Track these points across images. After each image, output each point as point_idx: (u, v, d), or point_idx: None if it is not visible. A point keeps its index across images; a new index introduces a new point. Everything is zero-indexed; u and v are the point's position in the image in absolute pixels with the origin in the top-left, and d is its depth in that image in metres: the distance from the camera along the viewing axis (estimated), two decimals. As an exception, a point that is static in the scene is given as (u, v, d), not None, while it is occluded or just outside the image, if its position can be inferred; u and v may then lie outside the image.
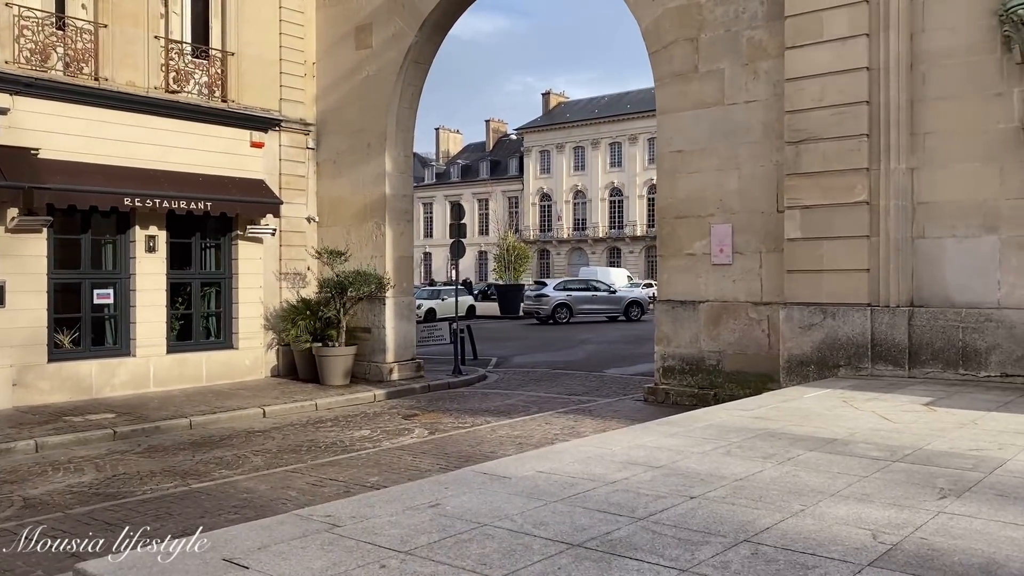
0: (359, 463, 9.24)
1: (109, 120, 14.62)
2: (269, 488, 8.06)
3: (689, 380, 12.84)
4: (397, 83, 16.86)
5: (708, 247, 12.62)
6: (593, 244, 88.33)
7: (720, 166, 12.49)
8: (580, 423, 11.40)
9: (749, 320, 12.23)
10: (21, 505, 8.10)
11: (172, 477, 9.19)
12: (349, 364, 16.46)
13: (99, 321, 15.15)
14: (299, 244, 17.93)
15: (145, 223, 15.25)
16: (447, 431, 11.52)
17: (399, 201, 17.36)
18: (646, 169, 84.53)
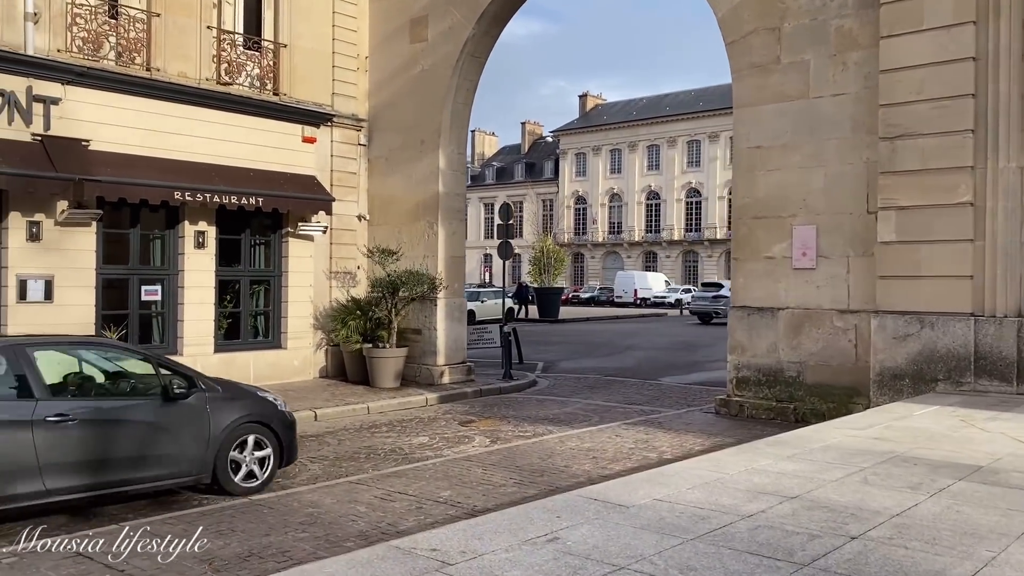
0: (426, 474, 8.63)
1: (160, 112, 14.21)
2: (335, 502, 7.47)
3: (766, 392, 12.07)
4: (453, 77, 16.28)
5: (789, 250, 11.84)
6: (629, 248, 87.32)
7: (803, 163, 11.72)
8: (653, 437, 10.69)
9: (834, 329, 11.44)
10: (71, 514, 7.59)
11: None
12: (400, 366, 15.90)
13: (146, 318, 14.74)
14: (349, 243, 17.42)
15: (195, 218, 14.81)
16: (510, 440, 10.89)
17: (452, 200, 16.77)
18: (684, 172, 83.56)
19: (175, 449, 7.81)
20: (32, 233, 12.78)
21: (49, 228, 12.97)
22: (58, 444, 7.08)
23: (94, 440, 7.32)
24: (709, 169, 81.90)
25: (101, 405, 7.69)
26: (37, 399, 7.13)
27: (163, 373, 8.03)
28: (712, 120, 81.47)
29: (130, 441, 7.55)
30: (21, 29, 12.73)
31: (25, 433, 6.93)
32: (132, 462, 7.54)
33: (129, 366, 8.37)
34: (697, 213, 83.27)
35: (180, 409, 7.92)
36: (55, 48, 13.09)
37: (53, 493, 7.06)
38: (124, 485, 7.55)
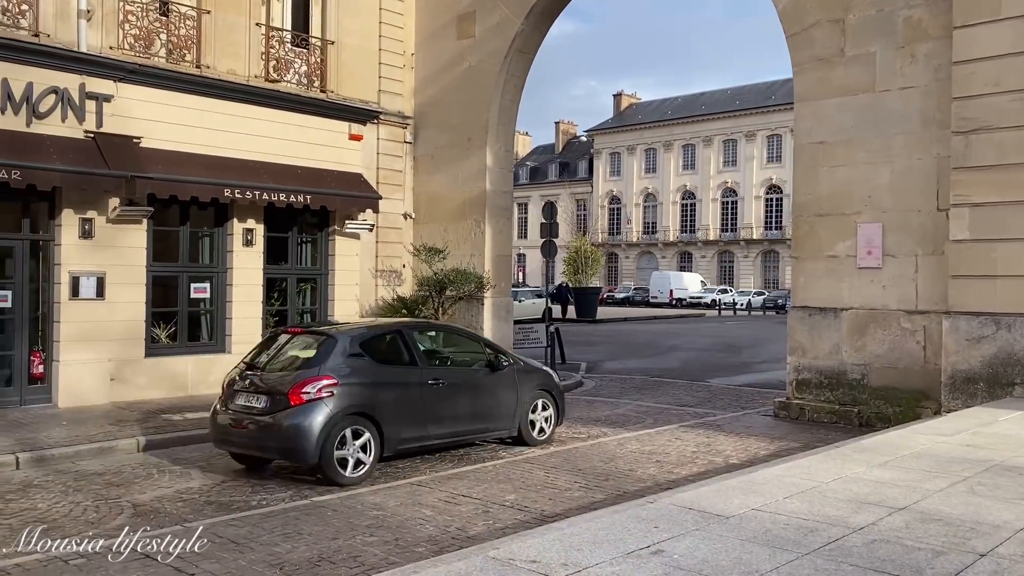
0: (487, 477, 8.42)
1: (209, 109, 14.17)
2: (398, 504, 7.29)
3: (828, 395, 11.71)
4: (500, 74, 16.09)
5: (853, 248, 11.48)
6: (663, 248, 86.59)
7: (869, 159, 11.35)
8: (714, 440, 10.39)
9: (901, 330, 11.05)
10: (132, 513, 7.50)
11: (284, 485, 8.51)
12: (446, 366, 15.72)
13: (195, 316, 14.71)
14: (395, 241, 17.30)
15: (243, 216, 14.76)
16: (566, 443, 10.65)
17: (499, 198, 16.59)
18: (720, 172, 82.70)
19: (497, 409, 9.99)
20: (84, 230, 12.80)
21: (101, 225, 12.97)
22: (434, 401, 9.29)
23: (453, 399, 9.54)
24: (745, 168, 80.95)
25: (455, 373, 10.02)
26: (420, 368, 9.41)
27: (487, 351, 10.42)
28: (749, 119, 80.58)
29: (473, 401, 9.78)
30: (74, 27, 12.74)
31: (417, 392, 9.19)
32: (473, 417, 9.75)
33: (465, 344, 10.91)
34: (733, 213, 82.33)
35: (500, 378, 10.13)
36: (107, 45, 13.10)
37: (430, 438, 9.32)
38: (467, 435, 9.84)
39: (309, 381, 8.38)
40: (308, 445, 8.14)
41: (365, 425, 8.56)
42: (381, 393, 8.86)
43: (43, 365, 12.61)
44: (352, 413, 8.49)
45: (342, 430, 8.33)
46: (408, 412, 8.98)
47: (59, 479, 8.79)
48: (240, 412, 8.71)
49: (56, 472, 9.13)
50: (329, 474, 8.23)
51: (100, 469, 9.29)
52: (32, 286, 12.59)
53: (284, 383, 8.54)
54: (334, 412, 8.31)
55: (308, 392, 8.30)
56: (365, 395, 8.68)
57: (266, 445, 8.57)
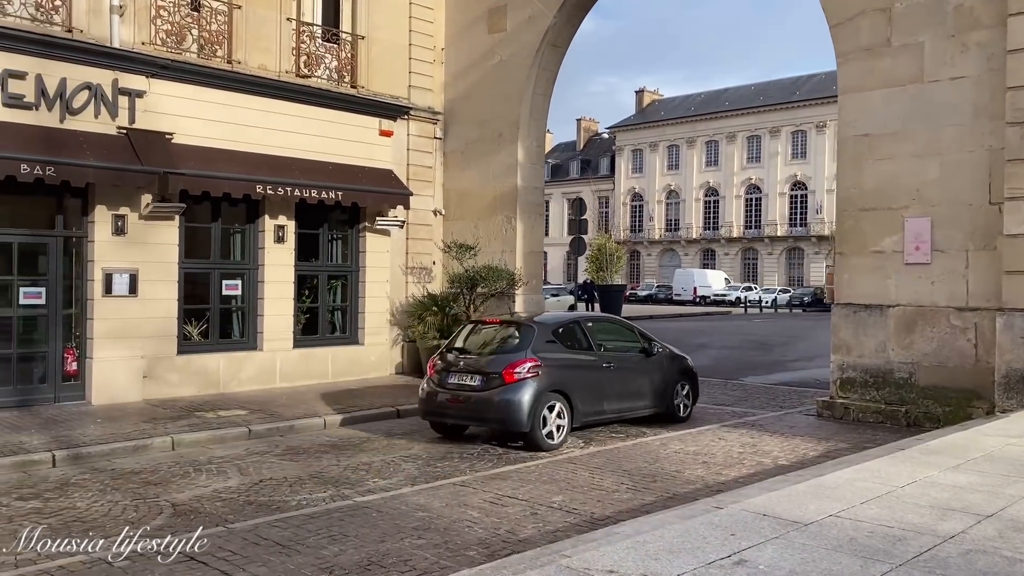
0: (531, 478, 8.22)
1: (241, 105, 14.07)
2: (443, 505, 7.11)
3: (873, 394, 11.40)
4: (532, 68, 15.88)
5: (900, 244, 11.16)
6: (686, 245, 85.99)
7: (917, 151, 11.03)
8: (759, 440, 10.13)
9: (951, 328, 10.73)
10: (171, 513, 7.37)
11: (323, 485, 8.37)
12: (478, 364, 15.56)
13: (227, 313, 14.63)
14: (425, 238, 17.15)
15: (275, 212, 14.66)
16: (605, 442, 10.44)
17: (531, 194, 16.38)
18: (744, 169, 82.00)
19: (649, 389, 11.56)
20: (117, 227, 12.73)
21: (134, 222, 12.90)
22: (607, 382, 10.95)
23: (620, 380, 11.16)
24: (769, 165, 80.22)
25: (620, 358, 11.47)
26: (596, 353, 11.08)
27: (641, 339, 12.01)
28: (773, 115, 79.83)
29: (634, 382, 11.38)
30: (107, 22, 12.67)
31: (595, 374, 10.83)
32: (634, 396, 11.33)
33: (623, 333, 12.36)
34: (757, 210, 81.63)
35: (653, 363, 11.78)
36: (139, 41, 13.02)
37: (604, 413, 10.96)
38: (629, 412, 11.33)
39: (519, 363, 10.04)
40: (521, 416, 9.77)
41: (560, 400, 10.17)
42: (570, 374, 10.50)
43: (76, 362, 12.56)
44: (551, 390, 10.11)
45: (545, 404, 9.97)
46: (589, 390, 10.67)
47: (96, 477, 8.70)
48: (455, 389, 10.36)
49: (92, 470, 9.04)
50: (536, 440, 9.88)
51: (136, 467, 9.20)
52: (65, 283, 12.54)
53: (496, 365, 10.20)
54: (539, 389, 9.94)
55: (519, 372, 9.98)
56: (559, 375, 10.30)
57: (484, 416, 10.23)
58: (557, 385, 10.18)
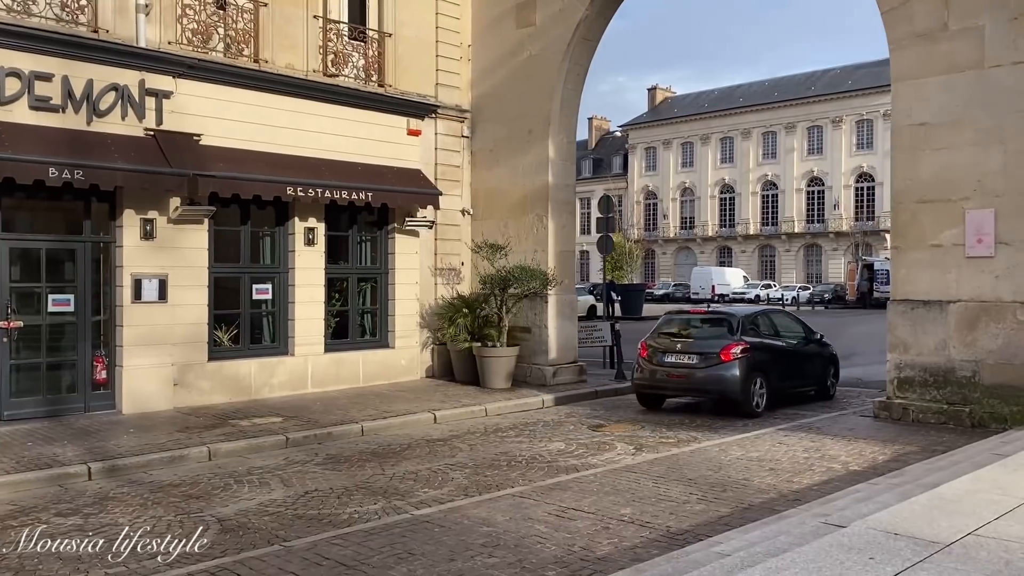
0: (591, 488, 7.83)
1: (268, 105, 13.74)
2: (507, 519, 6.72)
3: (934, 394, 10.95)
4: (563, 62, 15.47)
5: (961, 237, 10.71)
6: (702, 243, 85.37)
7: (978, 140, 10.58)
8: (822, 444, 9.70)
9: (1018, 324, 10.28)
10: (219, 530, 7.01)
11: (372, 496, 8.01)
12: (511, 366, 15.17)
13: (257, 318, 14.31)
14: (454, 238, 16.78)
15: (304, 215, 14.32)
16: (657, 449, 10.03)
17: (562, 191, 15.98)
18: (760, 165, 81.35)
19: (813, 371, 13.96)
20: (146, 231, 12.42)
21: (163, 226, 12.59)
22: (788, 363, 13.39)
23: (796, 362, 13.64)
24: (785, 161, 79.55)
25: (795, 344, 13.90)
26: (781, 339, 13.61)
27: (804, 329, 14.49)
28: (788, 111, 79.17)
29: (804, 364, 13.82)
30: (133, 21, 12.36)
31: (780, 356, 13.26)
32: (804, 376, 13.75)
33: (790, 324, 14.55)
34: (774, 206, 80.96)
35: (814, 349, 14.25)
36: (165, 40, 12.70)
37: (785, 388, 13.17)
38: (800, 388, 13.72)
39: (733, 346, 12.36)
40: (736, 387, 12.17)
41: (760, 376, 12.42)
42: (764, 355, 12.71)
43: (106, 371, 12.24)
44: (754, 368, 12.34)
45: (752, 379, 12.28)
46: (778, 369, 12.91)
47: (135, 491, 8.37)
48: (672, 367, 12.68)
49: (130, 483, 8.72)
50: (748, 407, 12.24)
51: (175, 479, 8.87)
52: (93, 290, 12.22)
53: (714, 346, 12.46)
54: (746, 366, 12.23)
55: (734, 352, 12.27)
56: (758, 356, 12.52)
57: (703, 388, 12.59)
58: (757, 364, 12.41)
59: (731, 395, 12.25)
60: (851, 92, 75.88)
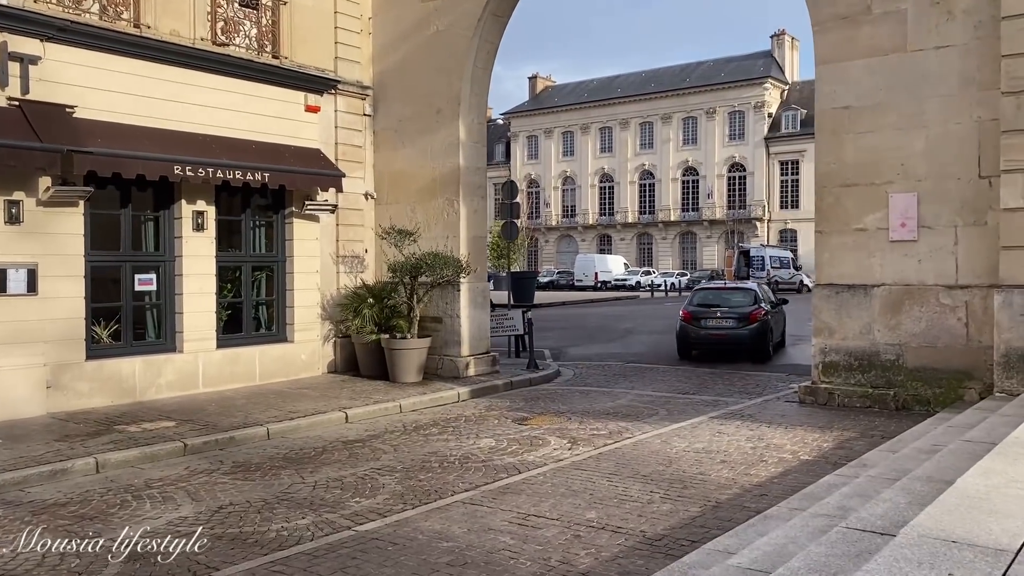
0: (546, 490, 7.23)
1: (151, 75, 12.39)
2: (466, 531, 6.04)
3: (859, 378, 10.98)
4: (473, 38, 14.76)
5: (885, 221, 10.75)
6: (583, 231, 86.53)
7: (901, 124, 10.61)
8: (763, 433, 9.47)
9: (940, 307, 10.39)
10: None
11: (298, 509, 7.15)
12: (423, 359, 14.40)
13: (140, 311, 12.92)
14: (357, 223, 15.80)
15: (192, 197, 13.04)
16: (595, 442, 9.57)
17: (474, 174, 15.29)
18: (638, 155, 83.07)
19: (780, 326, 18.89)
20: (11, 214, 10.90)
21: (31, 209, 11.10)
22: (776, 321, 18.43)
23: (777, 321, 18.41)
24: (662, 151, 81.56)
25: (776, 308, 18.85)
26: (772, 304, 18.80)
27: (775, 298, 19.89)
28: (664, 101, 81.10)
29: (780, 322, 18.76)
30: (-9, -26, 10.79)
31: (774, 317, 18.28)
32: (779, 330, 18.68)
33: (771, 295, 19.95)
34: (651, 195, 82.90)
35: (781, 312, 19.28)
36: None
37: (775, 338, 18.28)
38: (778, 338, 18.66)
39: (759, 311, 17.27)
40: (762, 340, 17.14)
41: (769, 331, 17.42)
42: (768, 317, 17.55)
43: (-35, 374, 10.70)
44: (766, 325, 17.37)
45: (768, 332, 17.38)
46: (774, 326, 18.07)
47: (13, 514, 7.17)
48: (713, 329, 17.39)
49: (5, 504, 7.48)
50: (765, 353, 17.19)
51: (60, 498, 7.70)
52: (-51, 282, 10.65)
53: (744, 312, 17.21)
54: (765, 324, 17.20)
55: (759, 315, 17.15)
56: (769, 317, 17.54)
57: (739, 342, 17.12)
58: (769, 322, 17.51)
59: (757, 345, 17.11)
60: (724, 84, 78.50)
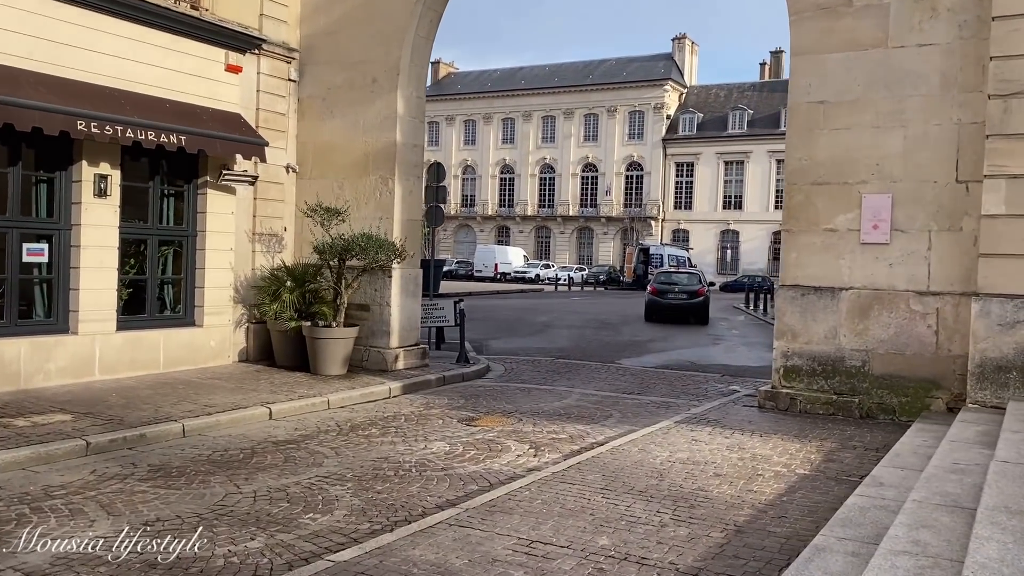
0: (537, 508, 6.31)
1: (49, 14, 10.73)
2: (466, 562, 5.07)
3: (822, 384, 10.58)
4: (417, 4, 13.62)
5: (856, 222, 10.36)
6: (482, 222, 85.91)
7: (877, 122, 10.24)
8: (739, 441, 8.85)
9: (910, 313, 10.08)
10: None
11: (243, 527, 6.01)
12: (349, 350, 13.22)
13: (28, 286, 11.23)
14: (276, 199, 14.40)
15: (95, 158, 11.42)
16: (560, 447, 8.77)
17: (411, 152, 14.17)
18: (539, 148, 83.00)
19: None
20: None
21: (-102, 159, 9.34)
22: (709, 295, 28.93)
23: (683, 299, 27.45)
24: (564, 146, 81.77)
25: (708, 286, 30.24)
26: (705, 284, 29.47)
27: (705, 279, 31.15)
28: (567, 96, 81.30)
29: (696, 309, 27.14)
30: None
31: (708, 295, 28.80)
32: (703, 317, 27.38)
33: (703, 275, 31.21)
34: (551, 189, 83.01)
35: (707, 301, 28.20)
36: (-95, -92, 9.39)
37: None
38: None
39: (704, 289, 27.13)
40: (705, 309, 26.63)
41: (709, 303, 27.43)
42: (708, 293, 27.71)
43: None
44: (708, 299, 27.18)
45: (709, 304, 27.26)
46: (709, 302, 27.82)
47: None
48: (672, 300, 26.41)
49: None
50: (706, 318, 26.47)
51: (-65, 513, 6.26)
52: None
53: (693, 289, 26.69)
54: (707, 298, 27.05)
55: (704, 292, 26.92)
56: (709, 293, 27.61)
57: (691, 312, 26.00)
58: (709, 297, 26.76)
59: (703, 315, 26.41)
60: (625, 83, 79.35)
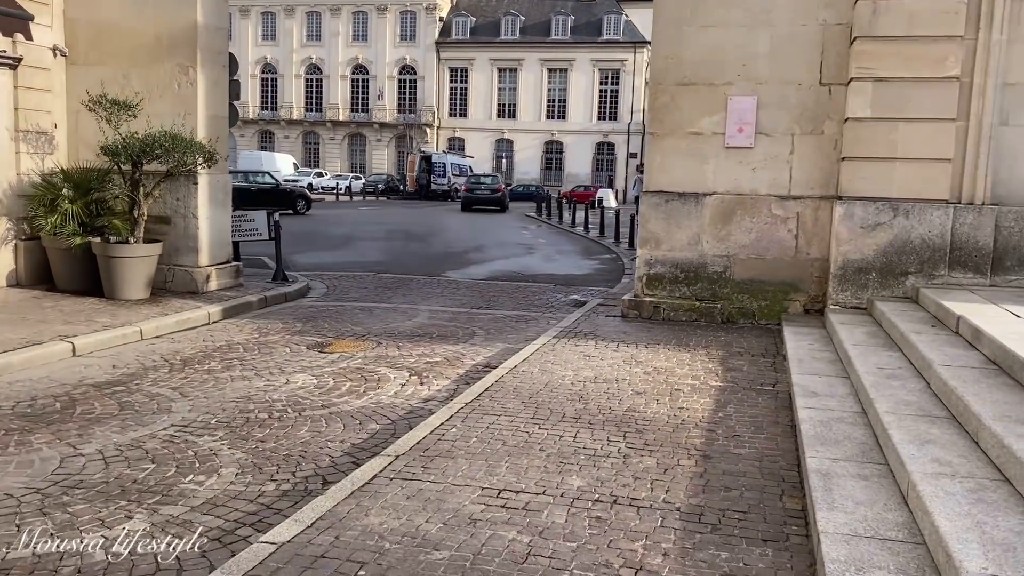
0: (476, 448, 5.38)
1: None
2: (441, 527, 4.10)
3: (684, 291, 10.45)
4: None
5: (722, 125, 10.11)
6: (242, 126, 79.87)
7: (746, 21, 9.93)
8: (632, 354, 8.39)
9: (772, 218, 10.11)
10: None
11: (109, 502, 4.65)
12: (153, 269, 11.32)
13: None
14: (43, 87, 11.80)
15: None
16: (447, 373, 7.91)
17: (215, 36, 12.11)
18: (304, 46, 78.29)
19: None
20: None
21: None
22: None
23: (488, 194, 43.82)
24: (331, 44, 77.59)
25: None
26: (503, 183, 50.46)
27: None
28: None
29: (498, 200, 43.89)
30: None
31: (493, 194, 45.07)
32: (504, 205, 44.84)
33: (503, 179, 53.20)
34: (319, 92, 78.86)
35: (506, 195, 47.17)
36: None
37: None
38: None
39: (502, 186, 43.72)
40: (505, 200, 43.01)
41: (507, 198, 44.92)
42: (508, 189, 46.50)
43: None
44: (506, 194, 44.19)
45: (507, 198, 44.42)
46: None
47: None
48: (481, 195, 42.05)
49: None
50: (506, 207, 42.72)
51: None
52: None
53: (495, 187, 42.76)
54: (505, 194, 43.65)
55: (503, 189, 43.59)
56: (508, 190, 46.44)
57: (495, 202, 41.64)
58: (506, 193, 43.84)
59: (503, 203, 41.52)
60: (393, -18, 76.13)
